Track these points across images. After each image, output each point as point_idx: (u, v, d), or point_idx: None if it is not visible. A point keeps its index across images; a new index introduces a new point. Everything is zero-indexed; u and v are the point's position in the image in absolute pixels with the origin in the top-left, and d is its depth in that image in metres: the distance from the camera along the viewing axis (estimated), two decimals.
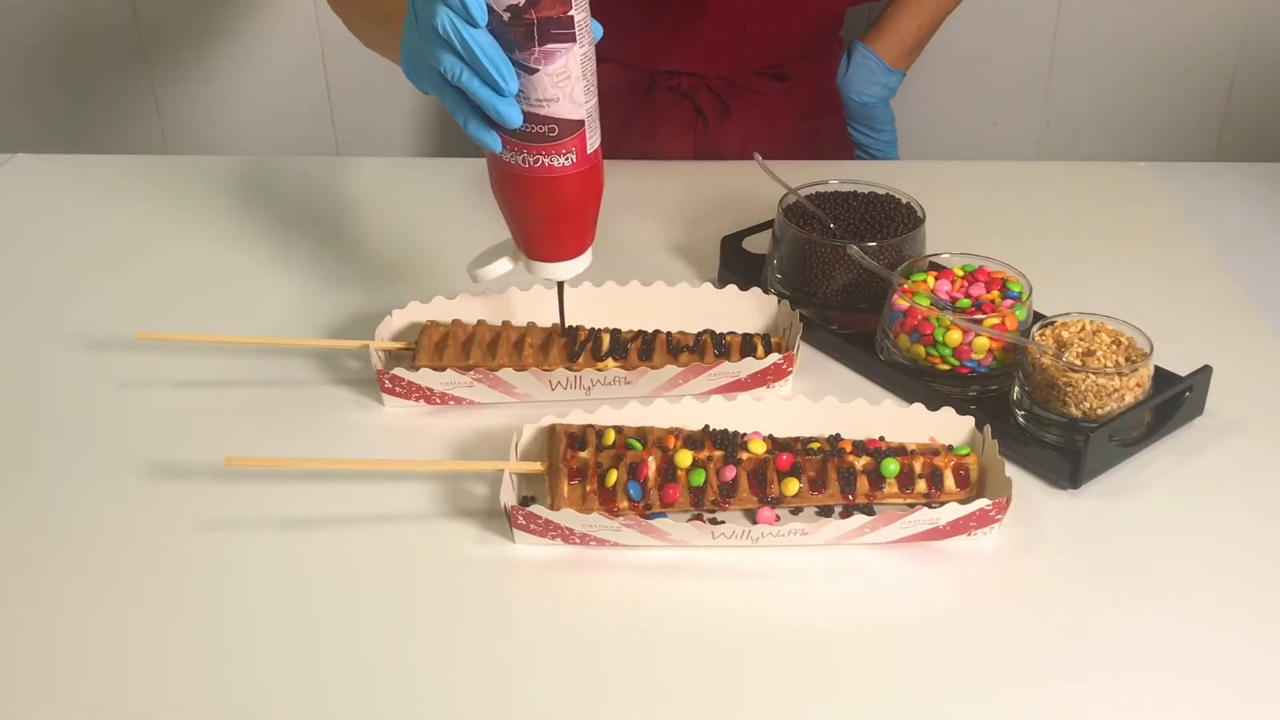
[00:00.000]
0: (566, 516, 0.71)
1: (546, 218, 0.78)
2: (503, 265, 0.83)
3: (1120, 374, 0.78)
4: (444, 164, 1.25)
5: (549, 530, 0.72)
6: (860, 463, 0.76)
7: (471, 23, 0.69)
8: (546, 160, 0.75)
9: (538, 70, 0.71)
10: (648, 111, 1.24)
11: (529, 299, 0.92)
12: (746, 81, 1.24)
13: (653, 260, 1.05)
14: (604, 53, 1.21)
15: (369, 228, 1.11)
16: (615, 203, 1.15)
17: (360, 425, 0.85)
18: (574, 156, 0.75)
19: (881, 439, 0.79)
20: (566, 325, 0.88)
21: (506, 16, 0.70)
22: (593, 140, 0.76)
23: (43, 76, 1.71)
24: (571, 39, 0.72)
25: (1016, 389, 0.82)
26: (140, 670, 0.66)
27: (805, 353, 0.91)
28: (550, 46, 0.71)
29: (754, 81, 1.24)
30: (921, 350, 0.85)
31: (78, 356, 0.92)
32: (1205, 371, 0.83)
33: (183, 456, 0.81)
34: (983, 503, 0.72)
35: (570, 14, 0.71)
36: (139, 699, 0.64)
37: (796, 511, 0.76)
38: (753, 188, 1.12)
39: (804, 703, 0.64)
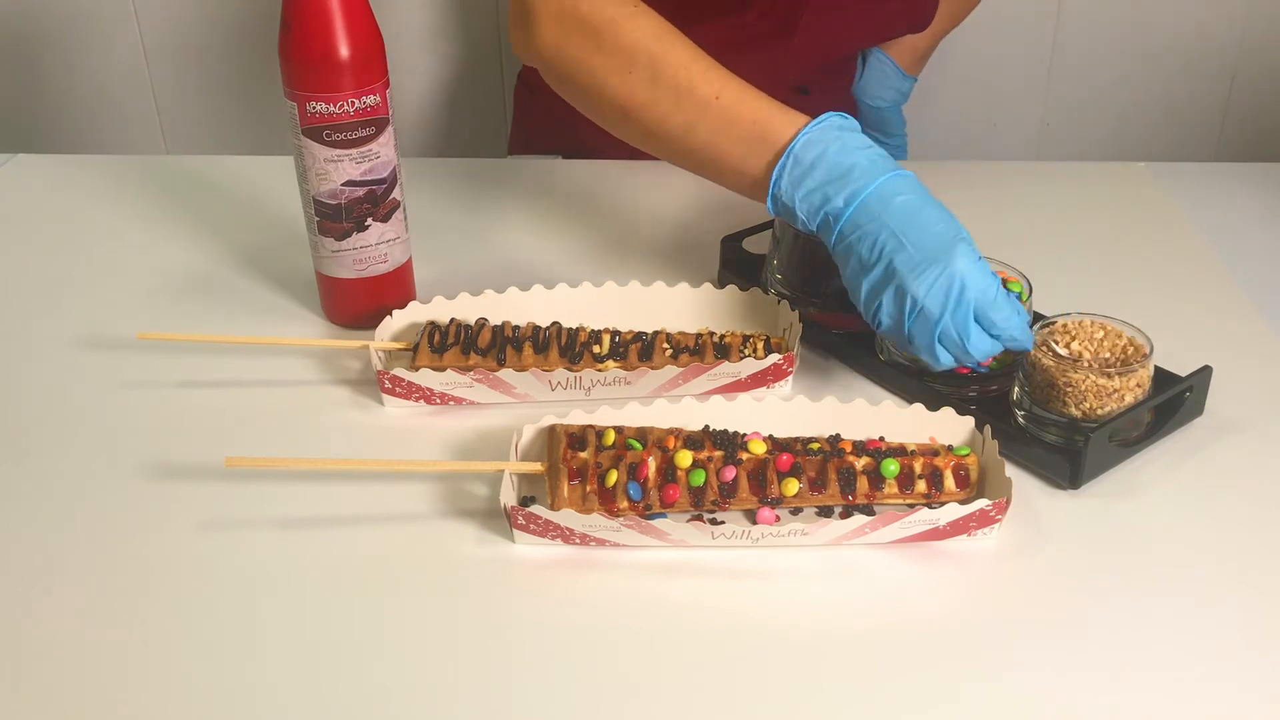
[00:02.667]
0: (566, 516, 0.71)
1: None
2: None
3: (1120, 374, 0.78)
4: (444, 164, 1.25)
5: (549, 530, 0.72)
6: (860, 463, 0.76)
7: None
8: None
9: None
10: None
11: (529, 299, 0.92)
12: (771, 93, 1.23)
13: (653, 260, 1.05)
14: None
15: None
16: (616, 203, 1.16)
17: (360, 425, 0.85)
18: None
19: (881, 439, 0.79)
20: (564, 326, 0.89)
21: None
22: None
23: (43, 76, 1.71)
24: None
25: (1016, 389, 0.82)
26: (140, 670, 0.66)
27: (805, 353, 0.91)
28: None
29: (778, 94, 1.23)
30: None
31: (78, 356, 0.92)
32: (1205, 371, 0.83)
33: (183, 456, 0.81)
34: (983, 503, 0.72)
35: None
36: (139, 698, 0.64)
37: (796, 512, 0.76)
38: None
39: (804, 702, 0.64)
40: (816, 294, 0.93)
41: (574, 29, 0.82)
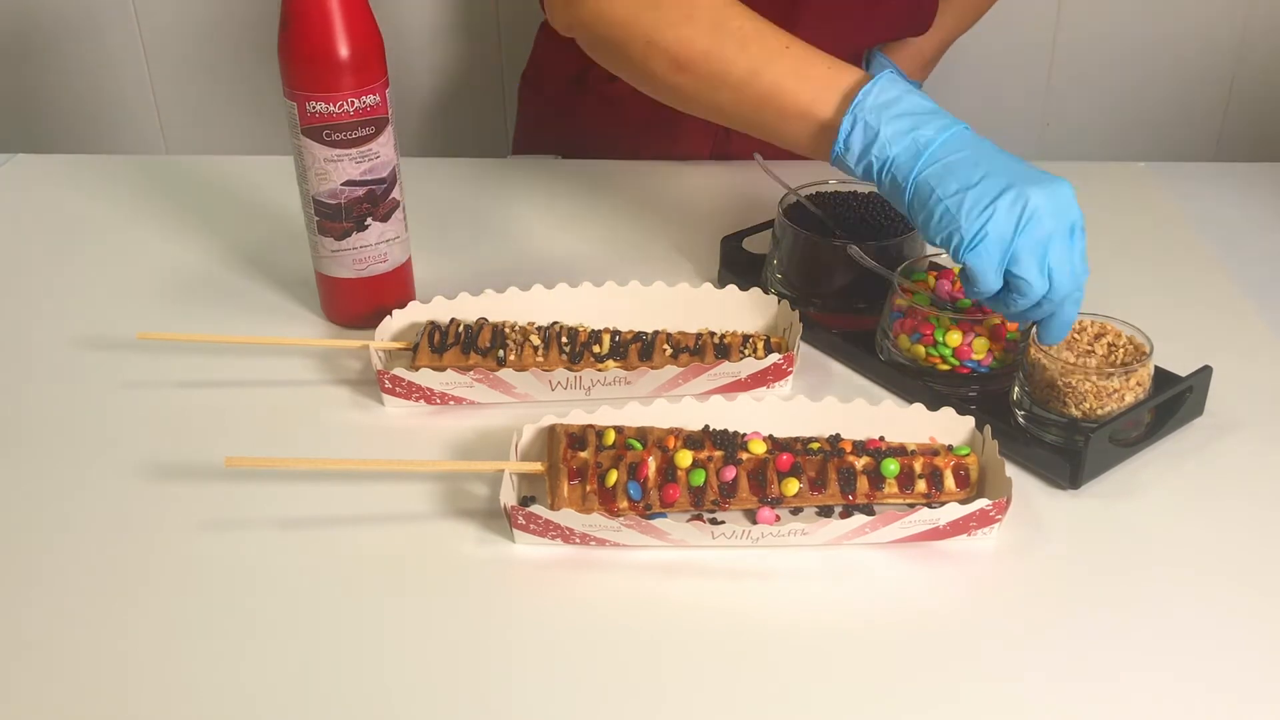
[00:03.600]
0: (566, 516, 0.71)
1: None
2: None
3: (1120, 374, 0.78)
4: (444, 164, 1.26)
5: (549, 530, 0.72)
6: (860, 463, 0.76)
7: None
8: None
9: None
10: (670, 111, 1.23)
11: (529, 299, 0.92)
12: None
13: (653, 260, 1.05)
14: None
15: None
16: (616, 203, 1.16)
17: (360, 425, 0.85)
18: None
19: (881, 439, 0.79)
20: (564, 326, 0.89)
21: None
22: None
23: (43, 76, 1.71)
24: None
25: (1016, 389, 0.82)
26: (139, 670, 0.66)
27: (805, 353, 0.91)
28: None
29: None
30: (921, 350, 0.85)
31: (78, 356, 0.92)
32: (1205, 371, 0.83)
33: (183, 456, 0.81)
34: (983, 503, 0.72)
35: None
36: (139, 698, 0.64)
37: (796, 511, 0.76)
38: (753, 188, 1.12)
39: (803, 702, 0.64)
40: (816, 294, 0.93)
41: None
